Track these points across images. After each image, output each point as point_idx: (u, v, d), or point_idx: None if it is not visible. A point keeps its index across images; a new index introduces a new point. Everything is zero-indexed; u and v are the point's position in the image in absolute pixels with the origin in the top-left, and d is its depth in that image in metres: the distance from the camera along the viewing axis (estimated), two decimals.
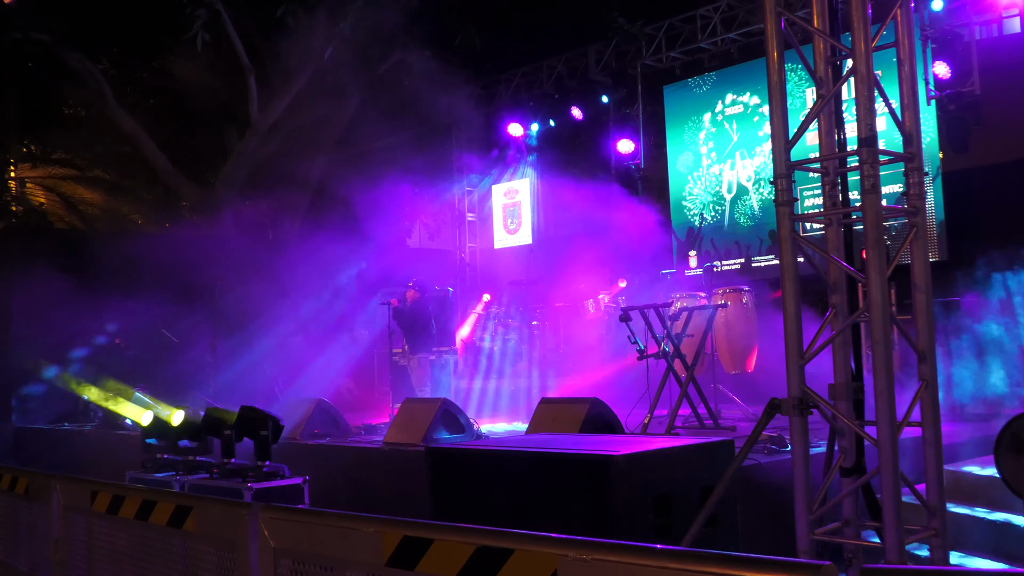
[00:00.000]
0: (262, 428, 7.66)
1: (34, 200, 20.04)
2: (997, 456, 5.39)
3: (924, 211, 4.58)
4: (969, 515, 5.90)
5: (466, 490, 5.42)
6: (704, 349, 9.37)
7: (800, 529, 4.39)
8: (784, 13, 4.55)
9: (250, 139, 17.03)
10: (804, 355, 4.43)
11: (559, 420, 7.18)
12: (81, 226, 20.05)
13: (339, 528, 3.16)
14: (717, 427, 8.62)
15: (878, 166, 4.23)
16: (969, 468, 6.48)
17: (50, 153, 19.61)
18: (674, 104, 15.26)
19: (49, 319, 13.30)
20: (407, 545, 2.86)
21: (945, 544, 4.46)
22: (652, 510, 4.73)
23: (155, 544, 4.15)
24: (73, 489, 4.90)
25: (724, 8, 13.82)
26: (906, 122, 4.56)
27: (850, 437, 4.55)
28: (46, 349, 13.39)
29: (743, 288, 11.18)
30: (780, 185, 4.47)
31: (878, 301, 4.16)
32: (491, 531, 2.65)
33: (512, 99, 16.81)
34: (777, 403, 4.48)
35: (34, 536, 5.36)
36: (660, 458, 4.97)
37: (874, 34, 4.35)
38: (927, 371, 4.44)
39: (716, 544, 4.70)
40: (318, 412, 9.62)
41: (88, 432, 12.13)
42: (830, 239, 4.71)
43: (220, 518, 3.70)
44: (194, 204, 18.49)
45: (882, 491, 4.14)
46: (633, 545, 2.37)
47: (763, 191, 13.95)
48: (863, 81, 4.22)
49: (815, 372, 4.49)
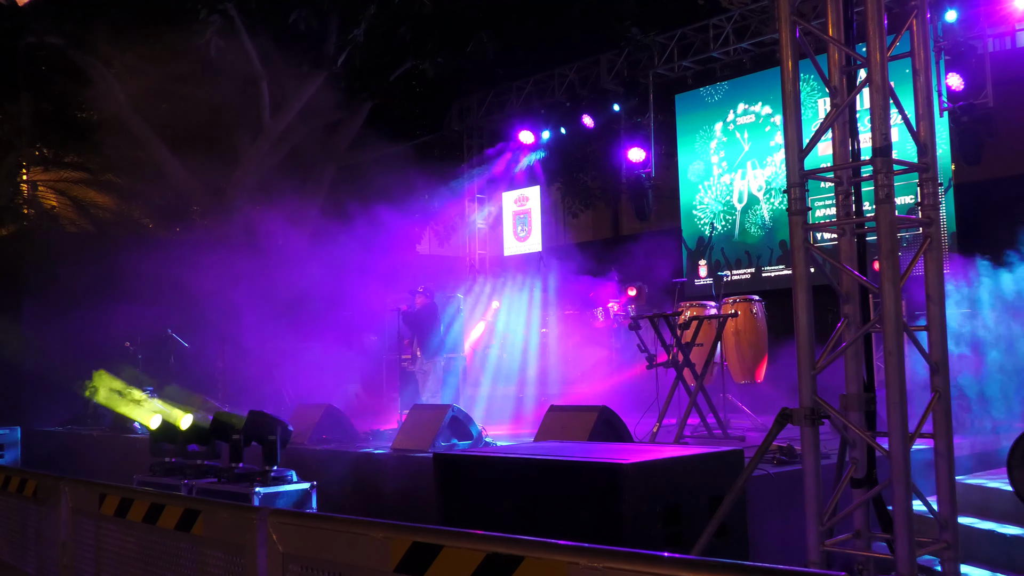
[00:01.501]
0: (270, 433, 7.65)
1: (46, 203, 20.12)
2: (1010, 469, 5.35)
3: (938, 222, 4.55)
4: (981, 528, 5.85)
5: (474, 497, 5.40)
6: (713, 359, 9.34)
7: (810, 540, 4.36)
8: (799, 22, 4.53)
9: (261, 144, 17.09)
10: (816, 365, 4.40)
11: (568, 428, 7.16)
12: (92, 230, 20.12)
13: (348, 534, 3.15)
14: (726, 437, 8.58)
15: (892, 176, 4.21)
16: (981, 481, 6.44)
17: (62, 156, 19.70)
18: (686, 113, 15.25)
19: (59, 322, 13.34)
20: (416, 551, 2.85)
21: (956, 557, 4.43)
22: (661, 519, 4.70)
23: (163, 548, 4.14)
24: (81, 492, 4.90)
25: (736, 18, 13.81)
26: (921, 132, 4.54)
27: (861, 448, 4.52)
28: (56, 352, 13.41)
29: (753, 298, 11.16)
30: (794, 194, 4.45)
31: (891, 312, 4.14)
32: (501, 538, 2.64)
33: (523, 106, 16.82)
34: (789, 413, 4.45)
35: (42, 539, 5.36)
36: (669, 467, 4.95)
37: (889, 44, 4.34)
38: (940, 383, 4.41)
39: (725, 554, 4.67)
40: (326, 417, 9.62)
41: (96, 435, 12.15)
42: (843, 249, 4.68)
43: (229, 522, 3.69)
44: (205, 209, 18.55)
45: (894, 503, 4.11)
46: (644, 553, 2.35)
47: (774, 201, 13.91)
48: (878, 91, 4.20)
49: (826, 383, 4.47)
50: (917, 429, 4.33)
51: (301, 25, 13.85)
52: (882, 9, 4.26)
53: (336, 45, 16.03)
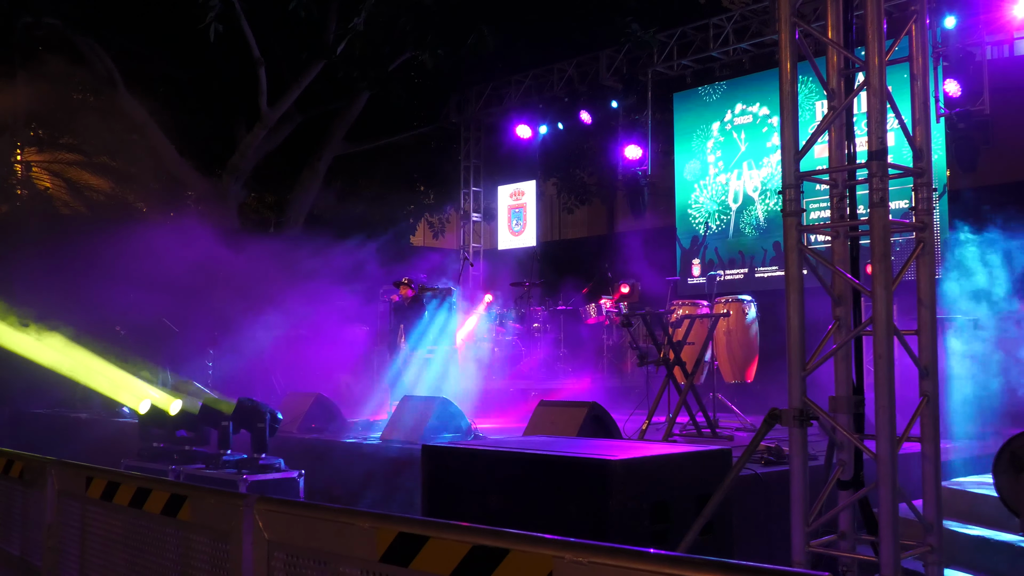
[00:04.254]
0: (259, 420, 7.66)
1: (40, 185, 20.04)
2: (995, 474, 5.37)
3: (932, 227, 4.57)
4: (965, 532, 5.88)
5: (461, 490, 5.40)
6: (704, 357, 9.35)
7: (796, 540, 4.38)
8: (799, 23, 4.54)
9: (258, 131, 17.05)
10: (806, 366, 4.41)
11: (557, 423, 7.17)
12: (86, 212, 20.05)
13: (334, 523, 3.14)
14: (715, 436, 8.60)
15: (887, 180, 4.22)
16: (967, 485, 6.46)
17: (57, 138, 19.60)
18: (683, 112, 15.25)
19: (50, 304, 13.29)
20: (402, 542, 2.85)
21: (941, 561, 4.45)
22: (648, 516, 4.71)
23: (149, 532, 4.13)
24: (68, 474, 4.88)
25: (737, 18, 13.81)
26: (917, 137, 4.55)
27: (849, 450, 4.54)
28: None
29: (745, 298, 11.18)
30: (788, 195, 4.46)
31: (883, 315, 4.15)
32: (487, 530, 2.64)
33: (522, 100, 16.79)
34: (777, 413, 4.47)
35: (27, 521, 5.34)
36: (658, 464, 4.95)
37: (887, 48, 4.34)
38: (929, 387, 4.43)
39: (711, 552, 4.68)
40: (316, 406, 9.62)
41: (85, 418, 12.13)
42: (836, 251, 4.70)
43: (215, 508, 3.69)
44: (200, 194, 18.50)
45: (879, 505, 4.13)
46: (629, 549, 2.35)
47: (769, 202, 13.93)
48: (875, 94, 4.21)
49: (815, 384, 4.49)
50: (905, 433, 4.35)
51: (301, 12, 13.79)
52: (882, 13, 4.27)
53: (335, 33, 15.98)
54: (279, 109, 16.99)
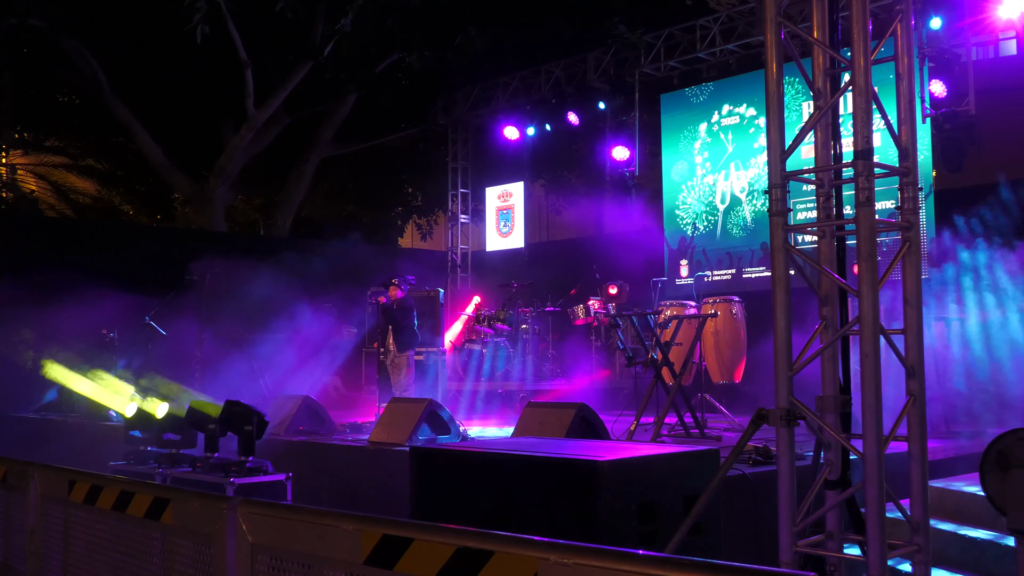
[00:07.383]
0: (246, 423, 7.61)
1: (25, 187, 19.94)
2: (982, 474, 5.38)
3: (918, 226, 4.57)
4: (952, 532, 5.89)
5: (449, 491, 5.39)
6: (692, 358, 9.36)
7: (783, 540, 4.37)
8: (785, 24, 4.54)
9: (245, 133, 17.00)
10: (793, 366, 4.41)
11: (545, 424, 7.16)
12: (72, 215, 19.95)
13: (318, 525, 3.13)
14: (703, 436, 8.60)
15: (873, 179, 4.22)
16: (954, 485, 6.48)
17: (43, 140, 19.51)
18: (671, 113, 15.27)
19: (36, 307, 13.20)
20: (386, 544, 2.83)
21: (928, 560, 4.45)
22: (636, 517, 4.70)
23: (132, 536, 4.10)
24: (51, 478, 4.84)
25: (724, 20, 13.84)
26: (902, 137, 4.55)
27: (836, 450, 4.54)
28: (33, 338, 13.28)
29: (733, 299, 11.20)
30: (775, 195, 4.46)
31: (869, 315, 4.15)
32: (472, 532, 2.63)
33: (509, 102, 16.78)
34: (764, 413, 4.46)
35: (10, 525, 5.29)
36: (646, 465, 4.95)
37: (873, 48, 4.35)
38: (915, 386, 4.44)
39: (699, 553, 4.67)
40: (304, 409, 9.58)
41: (72, 422, 12.04)
42: (823, 251, 4.70)
43: (198, 511, 3.66)
44: (187, 197, 18.43)
45: (866, 505, 4.13)
46: (615, 550, 2.34)
47: (756, 203, 13.96)
48: (861, 94, 4.21)
49: (803, 384, 4.49)
50: (891, 432, 4.35)
51: (288, 14, 13.76)
52: (867, 13, 4.27)
53: (323, 35, 15.96)
54: (266, 111, 16.95)
